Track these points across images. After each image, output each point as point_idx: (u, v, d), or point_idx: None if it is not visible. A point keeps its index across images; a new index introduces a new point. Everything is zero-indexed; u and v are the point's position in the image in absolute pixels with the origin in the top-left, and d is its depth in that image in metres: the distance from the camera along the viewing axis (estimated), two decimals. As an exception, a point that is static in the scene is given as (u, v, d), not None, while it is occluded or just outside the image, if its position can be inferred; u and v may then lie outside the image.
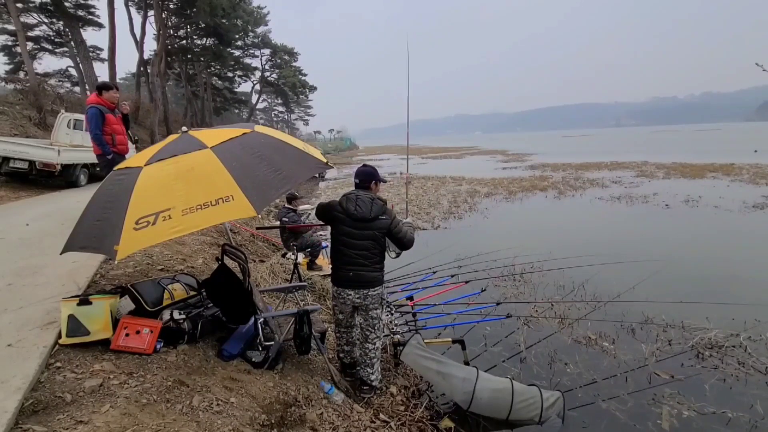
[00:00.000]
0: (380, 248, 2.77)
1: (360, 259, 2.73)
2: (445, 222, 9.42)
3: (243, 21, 29.05)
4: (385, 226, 2.71)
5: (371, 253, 2.73)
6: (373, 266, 2.76)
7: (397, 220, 2.78)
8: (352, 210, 2.70)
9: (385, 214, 2.74)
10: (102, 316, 2.30)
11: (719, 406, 2.93)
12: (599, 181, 15.07)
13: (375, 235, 2.71)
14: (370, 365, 2.88)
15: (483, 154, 38.19)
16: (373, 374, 2.88)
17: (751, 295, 4.79)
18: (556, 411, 2.80)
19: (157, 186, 2.09)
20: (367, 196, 2.75)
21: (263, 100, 51.02)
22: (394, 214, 2.79)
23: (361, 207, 2.70)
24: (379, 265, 2.80)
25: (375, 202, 2.74)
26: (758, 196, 10.62)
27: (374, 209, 2.71)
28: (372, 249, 2.74)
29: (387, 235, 2.74)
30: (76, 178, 8.79)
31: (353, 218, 2.71)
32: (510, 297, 4.98)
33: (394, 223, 2.72)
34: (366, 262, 2.74)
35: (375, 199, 2.76)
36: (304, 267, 5.24)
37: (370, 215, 2.69)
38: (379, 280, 2.81)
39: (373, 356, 2.88)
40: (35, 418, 1.73)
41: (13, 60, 21.94)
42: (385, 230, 2.71)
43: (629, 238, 7.60)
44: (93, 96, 4.62)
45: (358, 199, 2.73)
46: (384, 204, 2.79)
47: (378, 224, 2.71)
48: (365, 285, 2.76)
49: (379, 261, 2.79)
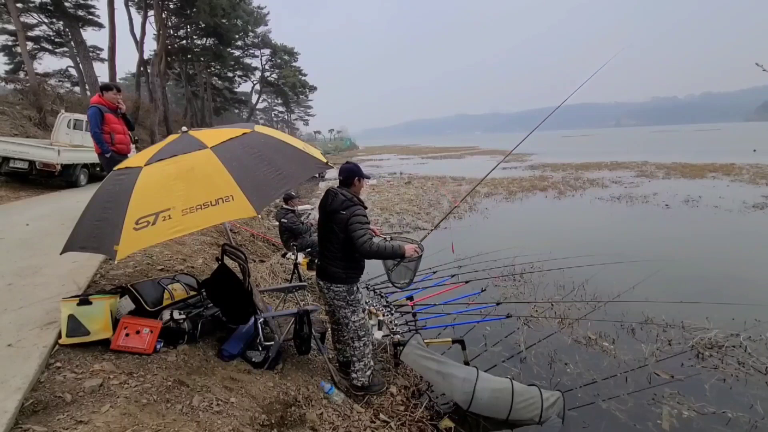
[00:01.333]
0: (341, 245, 2.68)
1: (324, 251, 2.79)
2: (445, 222, 9.42)
3: (243, 21, 29.07)
4: (342, 220, 2.64)
5: (333, 246, 2.71)
6: (334, 261, 2.73)
7: (357, 220, 2.61)
8: (323, 202, 2.80)
9: (345, 210, 2.66)
10: (102, 316, 2.30)
11: (719, 406, 2.93)
12: (599, 181, 15.07)
13: (333, 229, 2.69)
14: (352, 363, 2.90)
15: (483, 154, 38.16)
16: (354, 372, 2.88)
17: (751, 295, 4.78)
18: (556, 411, 2.80)
19: (157, 186, 2.09)
20: (339, 190, 2.75)
21: (263, 100, 51.05)
22: (358, 217, 2.62)
23: (329, 199, 2.75)
24: (341, 263, 2.72)
25: (337, 197, 2.71)
26: (758, 196, 10.62)
27: (335, 203, 2.70)
28: (334, 243, 2.71)
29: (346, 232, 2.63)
30: (76, 178, 8.79)
31: (322, 210, 2.79)
32: (510, 297, 4.97)
33: (351, 221, 2.60)
34: (328, 255, 2.75)
35: (341, 194, 2.72)
36: (304, 267, 5.24)
37: (330, 207, 2.71)
38: (341, 278, 2.74)
39: (352, 354, 2.88)
40: (35, 418, 1.73)
41: (13, 60, 21.96)
42: (342, 226, 2.64)
43: (629, 238, 7.60)
44: (96, 96, 4.78)
45: (331, 193, 2.77)
46: (349, 200, 2.69)
47: (336, 218, 2.67)
48: (327, 278, 2.77)
49: (341, 258, 2.71)
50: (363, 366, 2.87)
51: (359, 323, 2.83)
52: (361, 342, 2.84)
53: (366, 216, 2.68)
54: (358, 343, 2.84)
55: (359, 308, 2.84)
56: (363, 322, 2.86)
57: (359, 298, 2.85)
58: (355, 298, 2.81)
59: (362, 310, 2.87)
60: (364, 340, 2.86)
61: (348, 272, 2.76)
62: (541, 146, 43.70)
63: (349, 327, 2.84)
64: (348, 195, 2.72)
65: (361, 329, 2.84)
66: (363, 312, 2.88)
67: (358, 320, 2.83)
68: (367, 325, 2.91)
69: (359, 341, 2.84)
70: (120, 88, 4.97)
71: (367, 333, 2.89)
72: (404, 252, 2.70)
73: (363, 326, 2.85)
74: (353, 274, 2.79)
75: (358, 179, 2.84)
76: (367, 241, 2.57)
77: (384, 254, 2.66)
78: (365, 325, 2.87)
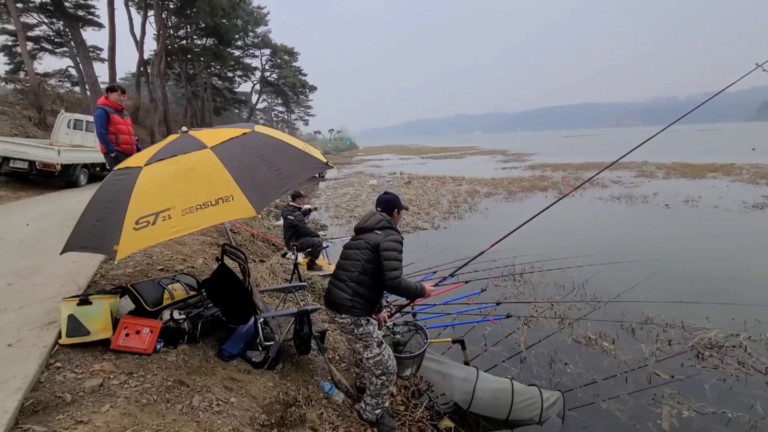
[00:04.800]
0: (360, 269, 2.46)
1: (340, 271, 2.56)
2: (445, 222, 9.42)
3: (243, 21, 29.08)
4: (376, 240, 2.46)
5: (352, 265, 2.49)
6: (344, 283, 2.48)
7: (394, 247, 2.43)
8: (360, 222, 2.68)
9: (381, 230, 2.51)
10: (102, 316, 2.30)
11: (719, 406, 2.94)
12: (599, 181, 15.06)
13: (361, 245, 2.50)
14: (365, 394, 2.62)
15: (483, 154, 38.18)
16: (365, 403, 2.60)
17: (751, 295, 4.78)
18: (556, 411, 2.80)
19: (157, 186, 2.09)
20: (380, 212, 2.67)
21: (263, 100, 51.04)
22: (395, 245, 2.45)
23: (367, 218, 2.65)
24: (351, 288, 2.45)
25: (376, 216, 2.62)
26: (758, 196, 10.62)
27: (372, 221, 2.59)
28: (353, 260, 2.50)
29: (375, 255, 2.45)
30: (76, 178, 8.79)
31: (355, 230, 2.69)
32: (510, 297, 4.98)
33: (386, 245, 2.42)
34: (344, 276, 2.51)
35: (380, 214, 2.63)
36: (304, 267, 5.24)
37: (365, 224, 2.61)
38: (345, 307, 2.43)
39: (367, 386, 2.59)
40: (35, 418, 1.73)
41: (13, 60, 21.92)
42: (373, 245, 2.45)
43: (629, 238, 7.60)
44: (102, 98, 4.93)
45: (370, 213, 2.70)
46: (388, 222, 2.58)
47: (369, 236, 2.51)
48: (334, 305, 2.49)
49: (355, 282, 2.45)
50: (374, 403, 2.56)
51: (374, 360, 2.48)
52: (378, 380, 2.51)
53: (402, 243, 2.51)
54: (376, 380, 2.52)
55: (372, 343, 2.48)
56: (380, 359, 2.48)
57: (370, 331, 2.48)
58: (364, 332, 2.47)
59: (378, 345, 2.50)
60: (382, 379, 2.51)
61: (354, 301, 2.44)
62: (541, 146, 43.71)
63: (363, 363, 2.59)
64: (388, 217, 2.62)
65: (377, 366, 2.49)
66: (380, 347, 2.50)
67: (373, 356, 2.48)
68: (387, 363, 2.51)
69: (377, 379, 2.51)
70: (124, 90, 5.12)
71: (387, 372, 2.51)
72: (427, 293, 2.55)
73: (380, 363, 2.48)
74: (359, 306, 2.45)
75: (398, 211, 2.73)
76: (399, 275, 2.40)
77: (409, 293, 2.51)
78: (383, 362, 2.49)
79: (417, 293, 2.51)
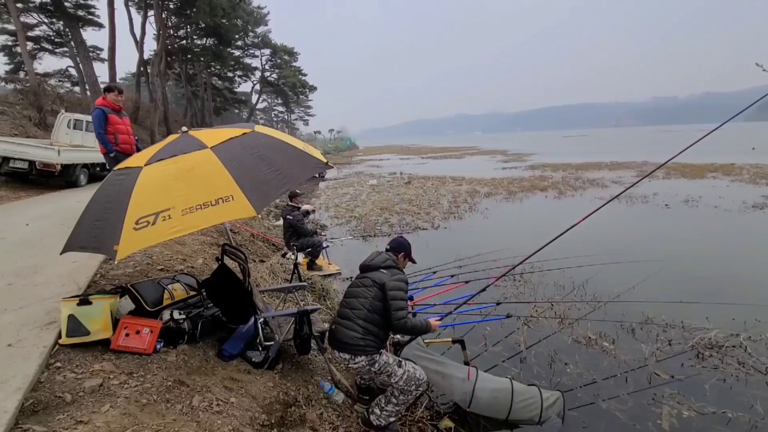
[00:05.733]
0: (367, 308, 2.41)
1: (346, 310, 2.51)
2: (445, 222, 9.42)
3: (243, 21, 29.09)
4: (382, 280, 2.45)
5: (360, 303, 2.45)
6: (353, 322, 2.41)
7: (400, 287, 2.42)
8: (365, 260, 2.68)
9: (386, 269, 2.51)
10: (102, 316, 2.30)
11: (719, 406, 2.93)
12: (599, 181, 15.06)
13: (368, 283, 2.48)
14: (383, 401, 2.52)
15: (483, 154, 38.15)
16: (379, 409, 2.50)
17: (751, 295, 4.78)
18: (556, 411, 2.80)
19: (157, 186, 2.10)
20: (385, 252, 2.69)
21: (263, 100, 51.07)
22: (401, 284, 2.44)
23: (372, 256, 2.66)
24: (361, 326, 2.39)
25: (381, 255, 2.64)
26: (758, 196, 10.61)
27: (377, 259, 2.60)
28: (361, 297, 2.46)
29: (382, 293, 2.42)
30: (76, 178, 8.79)
31: (360, 268, 2.68)
32: (510, 297, 4.98)
33: (392, 285, 2.40)
34: (351, 315, 2.45)
35: (385, 253, 2.66)
36: (304, 267, 5.24)
37: (371, 263, 2.61)
38: (358, 347, 2.37)
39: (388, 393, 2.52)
40: (35, 418, 1.73)
41: (13, 60, 21.94)
42: (379, 284, 2.44)
43: (629, 238, 7.60)
44: (100, 98, 4.91)
45: (376, 252, 2.70)
46: (393, 262, 2.58)
47: (375, 274, 2.51)
48: (344, 347, 2.42)
49: (363, 320, 2.40)
50: (395, 411, 2.48)
51: (403, 380, 2.42)
52: (412, 395, 2.48)
53: (407, 283, 2.51)
54: (407, 395, 2.46)
55: (394, 368, 2.43)
56: (408, 376, 2.43)
57: (386, 361, 2.43)
58: (382, 364, 2.42)
59: (399, 365, 2.44)
60: (418, 391, 2.49)
61: (367, 339, 2.39)
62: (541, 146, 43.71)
63: (392, 387, 2.48)
64: (393, 257, 2.64)
65: (408, 384, 2.43)
66: (402, 367, 2.44)
67: (400, 378, 2.42)
68: (415, 375, 2.45)
69: (403, 395, 2.46)
70: (122, 90, 5.08)
71: (419, 384, 2.46)
72: (431, 329, 2.54)
73: (410, 380, 2.43)
74: (373, 344, 2.40)
75: (404, 256, 2.73)
76: (406, 317, 2.38)
77: (415, 331, 2.50)
78: (412, 378, 2.43)
79: (423, 330, 2.51)
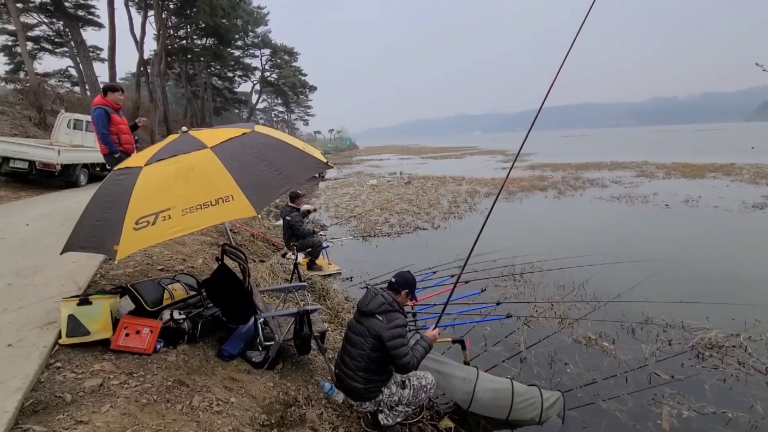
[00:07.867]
0: (365, 358, 2.34)
1: (344, 356, 2.47)
2: (445, 222, 9.42)
3: (243, 21, 29.07)
4: (378, 331, 2.30)
5: (358, 355, 2.36)
6: (354, 372, 2.37)
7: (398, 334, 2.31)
8: (360, 301, 2.51)
9: (382, 315, 2.34)
10: (102, 316, 2.30)
11: (719, 406, 2.93)
12: (599, 181, 15.06)
13: (365, 333, 2.35)
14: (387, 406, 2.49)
15: (483, 154, 38.15)
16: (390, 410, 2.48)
17: (751, 295, 4.78)
18: (556, 411, 2.80)
19: (157, 186, 2.10)
20: (381, 291, 2.47)
21: (263, 100, 51.07)
22: (398, 331, 2.32)
23: (367, 299, 2.46)
24: (361, 376, 2.36)
25: (377, 298, 2.41)
26: (758, 196, 10.61)
27: (373, 304, 2.39)
28: (359, 349, 2.36)
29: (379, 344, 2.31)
30: (76, 178, 8.79)
31: (357, 310, 2.52)
32: (510, 297, 4.97)
33: (389, 335, 2.28)
34: (352, 366, 2.39)
35: (381, 295, 2.42)
36: (304, 267, 5.24)
37: (367, 308, 2.40)
38: (361, 395, 2.39)
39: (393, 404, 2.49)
40: (35, 418, 1.73)
41: (13, 60, 21.93)
42: (375, 336, 2.31)
43: (629, 238, 7.59)
44: (98, 97, 4.77)
45: (371, 293, 2.49)
46: (389, 305, 2.39)
47: (371, 322, 2.35)
48: (350, 394, 2.44)
49: (363, 369, 2.35)
50: (405, 412, 2.49)
51: (413, 392, 2.45)
52: (416, 400, 2.50)
53: (406, 325, 2.42)
54: (414, 400, 2.49)
55: (400, 394, 2.43)
56: (413, 392, 2.45)
57: (391, 391, 2.43)
58: (388, 396, 2.43)
59: (403, 387, 2.45)
60: (429, 395, 2.54)
61: (369, 386, 2.38)
62: (540, 146, 43.70)
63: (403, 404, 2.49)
64: (389, 299, 2.42)
65: (417, 394, 2.46)
66: (405, 387, 2.45)
67: (409, 393, 2.44)
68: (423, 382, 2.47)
69: (415, 399, 2.49)
70: (123, 89, 5.01)
71: (428, 390, 2.50)
72: (433, 343, 2.53)
73: (419, 389, 2.46)
74: (375, 387, 2.40)
75: (407, 293, 2.55)
76: (410, 359, 2.30)
77: (423, 359, 2.45)
78: (420, 387, 2.45)
79: (428, 352, 2.50)
